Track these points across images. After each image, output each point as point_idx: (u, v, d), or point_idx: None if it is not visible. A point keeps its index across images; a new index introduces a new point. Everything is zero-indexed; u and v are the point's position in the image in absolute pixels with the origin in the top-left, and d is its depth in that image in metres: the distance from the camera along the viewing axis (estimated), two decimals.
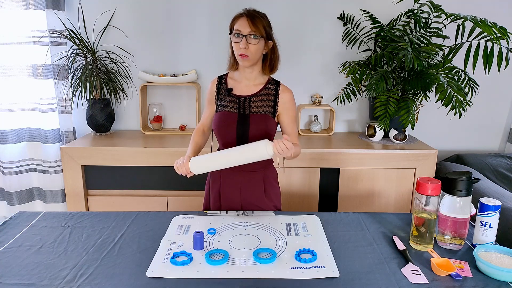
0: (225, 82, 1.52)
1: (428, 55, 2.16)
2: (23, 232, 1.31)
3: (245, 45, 1.37)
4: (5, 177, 2.44)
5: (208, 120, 1.59)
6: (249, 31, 1.37)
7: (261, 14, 1.42)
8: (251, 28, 1.37)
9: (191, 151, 1.50)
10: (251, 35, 1.37)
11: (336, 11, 2.48)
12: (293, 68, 2.55)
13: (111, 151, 2.18)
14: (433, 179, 1.18)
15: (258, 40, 1.38)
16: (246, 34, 1.37)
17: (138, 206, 2.25)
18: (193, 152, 1.50)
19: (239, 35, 1.38)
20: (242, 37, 1.37)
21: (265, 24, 1.40)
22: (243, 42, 1.37)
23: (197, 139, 1.56)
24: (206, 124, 1.60)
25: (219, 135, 1.49)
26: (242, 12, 1.41)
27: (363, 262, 1.13)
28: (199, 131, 1.58)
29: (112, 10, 2.45)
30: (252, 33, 1.37)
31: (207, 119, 1.59)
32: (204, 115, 1.60)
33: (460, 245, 1.21)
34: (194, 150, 1.51)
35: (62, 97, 2.41)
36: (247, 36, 1.37)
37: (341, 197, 2.25)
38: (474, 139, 2.74)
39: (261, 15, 1.41)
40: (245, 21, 1.37)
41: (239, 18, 1.40)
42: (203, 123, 1.60)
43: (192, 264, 1.10)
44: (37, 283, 1.02)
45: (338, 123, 2.68)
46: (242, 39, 1.37)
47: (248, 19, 1.37)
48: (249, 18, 1.38)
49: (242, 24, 1.38)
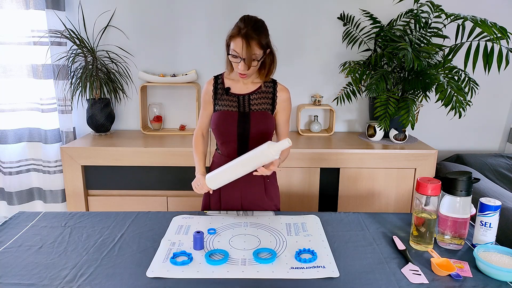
0: (222, 82, 1.51)
1: (428, 55, 2.16)
2: (23, 232, 1.31)
3: (243, 68, 1.35)
4: (5, 177, 2.44)
5: (205, 123, 1.57)
6: (247, 56, 1.32)
7: (258, 30, 1.33)
8: (248, 52, 1.32)
9: (201, 165, 1.50)
10: (250, 58, 1.33)
11: (336, 11, 2.48)
12: (293, 68, 2.55)
13: (111, 151, 2.18)
14: (433, 179, 1.18)
15: (256, 62, 1.37)
16: (245, 57, 1.33)
17: (138, 206, 2.25)
18: (203, 165, 1.50)
19: (237, 57, 1.34)
20: (241, 60, 1.34)
21: (262, 41, 1.34)
22: (241, 65, 1.35)
23: (201, 147, 1.55)
24: (204, 128, 1.58)
25: (219, 135, 1.49)
26: (238, 30, 1.32)
27: (363, 262, 1.13)
28: (198, 138, 1.56)
29: (112, 10, 2.45)
30: (251, 56, 1.33)
31: (205, 121, 1.56)
32: (201, 118, 1.57)
33: (460, 245, 1.21)
34: (203, 163, 1.51)
35: (62, 97, 2.41)
36: (246, 59, 1.33)
37: (341, 197, 2.25)
38: (474, 139, 2.74)
39: (257, 33, 1.32)
40: (242, 43, 1.31)
41: (236, 38, 1.32)
42: (200, 127, 1.57)
43: (192, 264, 1.10)
44: (37, 283, 1.02)
45: (338, 123, 2.68)
46: (241, 62, 1.34)
47: (244, 42, 1.31)
48: (245, 41, 1.31)
49: (239, 46, 1.32)
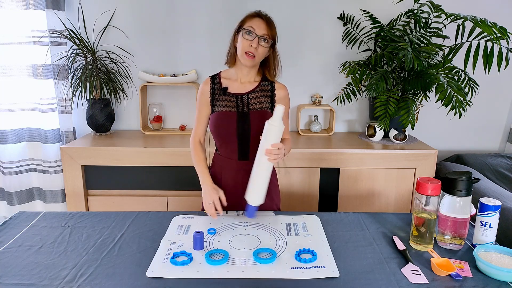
0: (218, 82, 1.49)
1: (428, 55, 2.16)
2: (23, 232, 1.31)
3: (256, 45, 1.36)
4: (5, 177, 2.44)
5: (202, 128, 1.53)
6: (263, 33, 1.36)
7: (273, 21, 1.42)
8: (266, 30, 1.37)
9: (206, 174, 1.46)
10: (264, 37, 1.37)
11: (336, 11, 2.48)
12: (293, 68, 2.55)
13: (111, 151, 2.18)
14: (433, 179, 1.18)
15: (267, 44, 1.39)
16: (260, 35, 1.36)
17: (138, 206, 2.25)
18: (208, 174, 1.47)
19: (252, 33, 1.36)
20: (255, 36, 1.36)
21: (276, 32, 1.41)
22: (255, 41, 1.36)
23: (202, 155, 1.51)
24: (201, 134, 1.54)
25: (219, 136, 1.47)
26: (258, 13, 1.40)
27: (363, 262, 1.13)
28: (197, 146, 1.52)
29: (112, 10, 2.45)
30: (265, 36, 1.37)
31: (202, 127, 1.53)
32: (197, 123, 1.52)
33: (460, 245, 1.21)
34: (207, 171, 1.48)
35: (62, 97, 2.41)
36: (260, 37, 1.36)
37: (341, 197, 2.25)
38: (474, 139, 2.74)
39: (273, 22, 1.41)
40: (261, 22, 1.37)
41: (254, 18, 1.39)
42: (197, 134, 1.53)
43: (192, 264, 1.10)
44: (37, 283, 1.02)
45: (338, 123, 2.68)
46: (255, 39, 1.36)
47: (265, 22, 1.37)
48: (266, 21, 1.38)
49: (257, 24, 1.37)
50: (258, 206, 1.36)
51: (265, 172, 1.33)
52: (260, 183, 1.34)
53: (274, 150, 1.27)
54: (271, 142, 1.28)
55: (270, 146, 1.28)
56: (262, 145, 1.30)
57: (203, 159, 1.51)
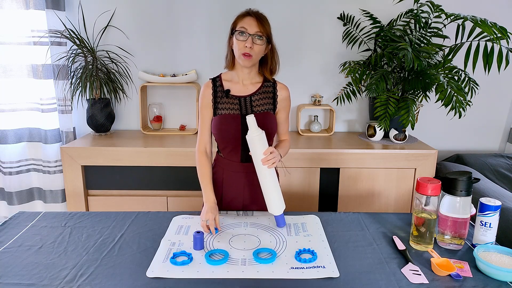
0: (220, 84, 1.47)
1: (428, 55, 2.16)
2: (23, 232, 1.31)
3: (250, 44, 1.34)
4: (5, 177, 2.44)
5: (207, 134, 1.48)
6: (256, 31, 1.35)
7: (264, 17, 1.40)
8: (258, 28, 1.35)
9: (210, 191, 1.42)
10: (257, 36, 1.36)
11: (336, 11, 2.48)
12: (293, 68, 2.55)
13: (111, 151, 2.18)
14: (433, 179, 1.18)
15: (263, 41, 1.37)
16: (253, 33, 1.35)
17: (138, 206, 2.25)
18: (212, 191, 1.43)
19: (244, 34, 1.35)
20: (248, 36, 1.35)
21: (267, 27, 1.39)
22: (248, 41, 1.34)
23: (207, 169, 1.47)
24: (207, 142, 1.49)
25: (222, 139, 1.45)
26: (247, 12, 1.39)
27: (363, 262, 1.13)
28: (203, 157, 1.47)
29: (112, 10, 2.45)
30: (258, 33, 1.35)
31: (207, 134, 1.48)
32: (201, 130, 1.48)
33: (460, 245, 1.21)
34: (211, 188, 1.44)
35: (62, 97, 2.41)
36: (253, 36, 1.35)
37: (341, 197, 2.25)
38: (474, 139, 2.74)
39: (264, 17, 1.39)
40: (252, 20, 1.36)
41: (245, 17, 1.38)
42: (203, 142, 1.48)
43: (192, 264, 1.10)
44: (37, 283, 1.02)
45: (338, 123, 2.68)
46: (248, 38, 1.35)
47: (255, 19, 1.36)
48: (256, 18, 1.36)
49: (248, 23, 1.36)
50: (283, 212, 1.36)
51: (271, 180, 1.34)
52: (273, 191, 1.34)
53: (268, 156, 1.29)
54: (261, 151, 1.30)
55: (262, 155, 1.30)
56: (255, 158, 1.31)
57: (208, 174, 1.46)
